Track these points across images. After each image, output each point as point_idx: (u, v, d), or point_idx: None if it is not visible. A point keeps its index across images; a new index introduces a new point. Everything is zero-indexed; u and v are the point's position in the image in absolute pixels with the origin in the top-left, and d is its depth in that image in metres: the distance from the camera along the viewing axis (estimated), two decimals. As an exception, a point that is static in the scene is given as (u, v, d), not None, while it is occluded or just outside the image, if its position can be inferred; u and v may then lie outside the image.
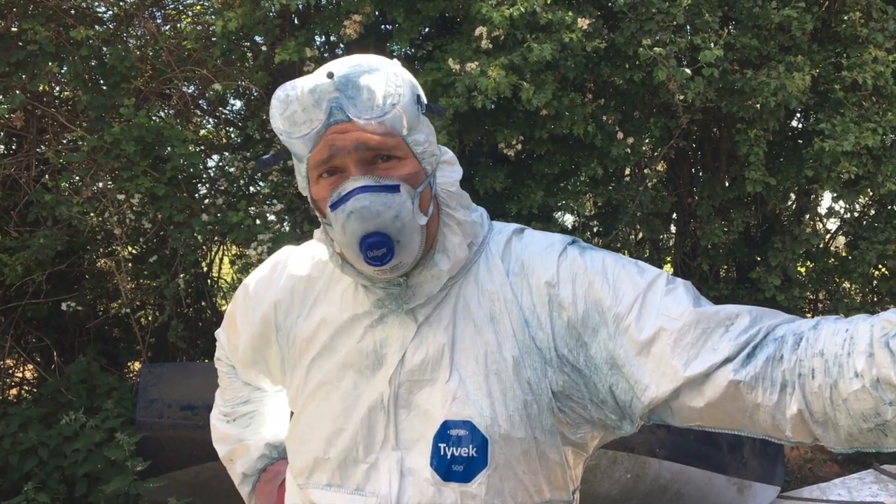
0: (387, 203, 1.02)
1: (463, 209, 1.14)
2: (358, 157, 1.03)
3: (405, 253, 1.05)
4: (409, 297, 1.12)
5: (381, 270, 1.06)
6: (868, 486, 3.98)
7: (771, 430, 1.00)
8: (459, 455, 1.07)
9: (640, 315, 1.05)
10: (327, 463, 1.15)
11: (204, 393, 3.51)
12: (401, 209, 1.03)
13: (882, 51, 4.02)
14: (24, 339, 4.73)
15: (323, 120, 1.03)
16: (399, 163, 1.06)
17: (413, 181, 1.06)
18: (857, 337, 0.93)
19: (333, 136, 1.03)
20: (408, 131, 1.06)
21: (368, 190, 1.02)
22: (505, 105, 3.91)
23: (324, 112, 1.03)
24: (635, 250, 5.20)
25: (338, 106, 1.02)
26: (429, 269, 1.11)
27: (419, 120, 1.08)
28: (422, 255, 1.10)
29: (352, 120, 1.02)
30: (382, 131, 1.03)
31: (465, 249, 1.13)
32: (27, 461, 3.59)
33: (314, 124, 1.03)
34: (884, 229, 4.61)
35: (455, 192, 1.13)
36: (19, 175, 4.15)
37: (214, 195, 4.36)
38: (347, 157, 1.03)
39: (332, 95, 1.02)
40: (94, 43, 4.10)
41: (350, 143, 1.03)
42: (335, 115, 1.03)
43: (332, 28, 3.97)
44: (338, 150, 1.03)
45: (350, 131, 1.03)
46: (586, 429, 1.13)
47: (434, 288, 1.12)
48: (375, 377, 1.14)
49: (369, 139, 1.03)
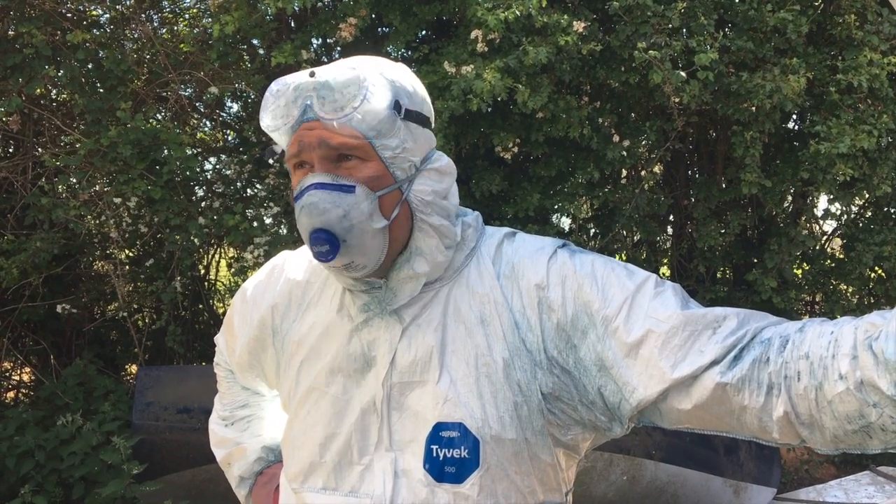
0: (335, 202, 1.05)
1: (439, 216, 1.13)
2: (321, 154, 1.07)
3: (356, 253, 1.07)
4: (391, 298, 1.13)
5: (335, 268, 1.09)
6: (864, 488, 3.98)
7: (758, 432, 1.00)
8: (451, 456, 1.08)
9: (629, 317, 1.06)
10: (322, 467, 1.16)
11: (200, 396, 3.53)
12: (350, 209, 1.05)
13: (877, 53, 4.03)
14: (21, 342, 4.73)
15: (296, 116, 1.08)
16: (362, 164, 1.08)
17: (374, 184, 1.08)
18: (841, 339, 0.93)
19: (303, 132, 1.08)
20: (376, 135, 1.07)
21: (322, 187, 1.06)
22: (501, 108, 3.92)
23: (298, 109, 1.08)
24: (632, 252, 5.21)
25: (310, 104, 1.07)
26: (405, 272, 1.12)
27: (394, 125, 1.09)
28: (391, 256, 1.11)
29: (319, 119, 1.07)
30: (347, 132, 1.06)
31: (444, 252, 1.14)
32: (24, 464, 3.59)
33: (289, 119, 1.09)
34: (880, 231, 4.62)
35: (430, 201, 1.12)
36: (16, 178, 4.16)
37: (211, 198, 4.36)
38: (312, 153, 1.08)
39: (308, 94, 1.07)
40: (90, 46, 4.10)
41: (314, 139, 1.07)
42: (307, 113, 1.08)
43: (328, 31, 3.97)
44: (305, 145, 1.08)
45: (316, 129, 1.07)
46: (577, 430, 1.14)
47: (414, 289, 1.13)
48: (365, 379, 1.15)
49: (331, 138, 1.06)
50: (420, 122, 1.13)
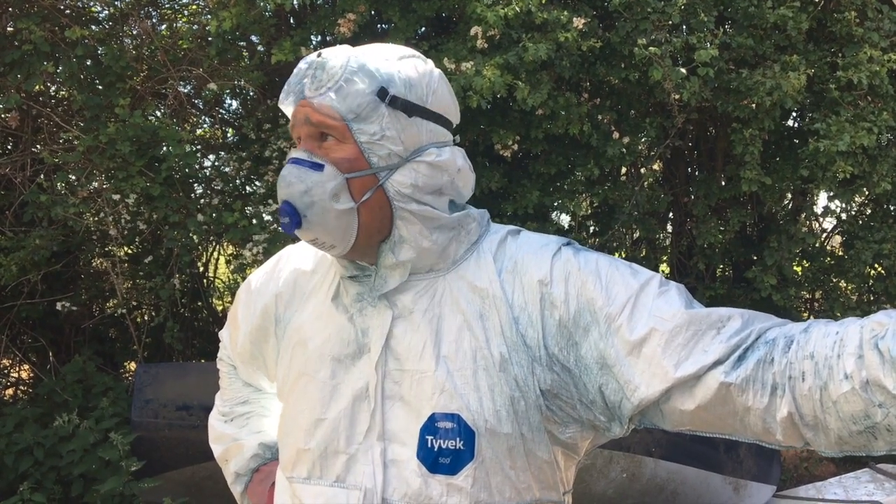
0: (300, 177, 1.09)
1: (418, 203, 1.12)
2: (306, 132, 1.12)
3: (319, 230, 1.10)
4: (380, 284, 1.14)
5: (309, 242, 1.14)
6: (864, 486, 3.99)
7: (761, 434, 1.00)
8: (446, 447, 1.08)
9: (632, 316, 1.05)
10: (307, 454, 1.15)
11: (199, 393, 3.53)
12: (313, 186, 1.08)
13: (877, 50, 4.02)
14: (20, 339, 4.72)
15: (297, 93, 1.14)
16: (338, 145, 1.11)
17: (344, 166, 1.10)
18: (846, 339, 0.93)
19: (297, 108, 1.14)
20: (355, 118, 1.09)
21: (296, 163, 1.11)
22: (501, 105, 3.91)
23: (300, 86, 1.14)
24: (631, 250, 5.20)
25: (307, 82, 1.13)
26: (388, 259, 1.14)
27: (375, 112, 1.09)
28: (370, 241, 1.13)
29: (306, 97, 1.12)
30: (324, 112, 1.10)
31: (430, 237, 1.13)
32: (23, 461, 3.59)
33: (293, 95, 1.15)
34: (879, 228, 4.61)
35: (409, 194, 1.11)
36: (14, 175, 4.14)
37: (210, 195, 4.35)
38: (300, 129, 1.13)
39: (308, 73, 1.13)
40: (89, 43, 4.09)
41: (302, 116, 1.12)
42: (304, 91, 1.13)
43: (327, 27, 3.96)
44: (296, 121, 1.14)
45: (305, 107, 1.12)
46: (575, 428, 1.13)
47: (402, 275, 1.14)
48: (356, 366, 1.15)
49: (311, 115, 1.10)
50: (418, 113, 1.12)
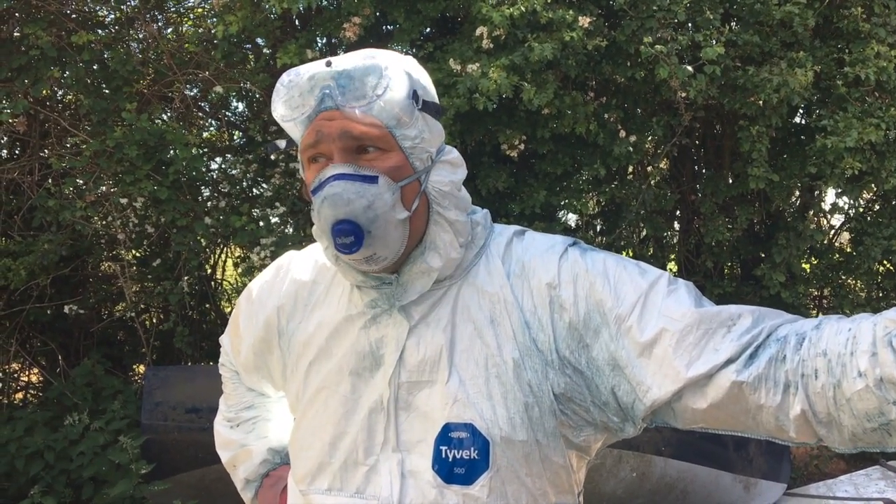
0: (359, 192, 1.03)
1: (456, 209, 1.12)
2: (342, 146, 1.05)
3: (379, 245, 1.05)
4: (401, 294, 1.12)
5: (356, 260, 1.07)
6: (875, 483, 3.97)
7: (774, 432, 0.99)
8: (461, 458, 1.07)
9: (642, 316, 1.04)
10: (329, 467, 1.15)
11: (209, 395, 3.53)
12: (374, 200, 1.03)
13: (884, 46, 4.00)
14: (29, 343, 4.74)
15: (314, 105, 1.06)
16: (383, 154, 1.06)
17: (395, 174, 1.06)
18: (859, 336, 0.92)
19: (321, 122, 1.06)
20: (397, 124, 1.06)
21: (344, 178, 1.04)
22: (507, 105, 3.91)
23: (315, 98, 1.06)
24: (639, 248, 5.19)
25: (329, 93, 1.05)
26: (418, 266, 1.11)
27: (413, 115, 1.08)
28: (408, 250, 1.10)
29: (339, 108, 1.05)
30: (368, 122, 1.05)
31: (458, 248, 1.13)
32: (33, 465, 3.60)
33: (305, 109, 1.07)
34: (888, 225, 4.59)
35: (448, 191, 1.12)
36: (23, 179, 4.16)
37: (217, 198, 4.36)
38: (332, 144, 1.06)
39: (326, 83, 1.05)
40: (95, 47, 4.10)
41: (335, 130, 1.05)
42: (325, 102, 1.06)
43: (332, 30, 3.97)
44: (324, 136, 1.06)
45: (336, 119, 1.05)
46: (589, 431, 1.12)
47: (425, 285, 1.11)
48: (374, 378, 1.14)
49: (353, 128, 1.04)
50: (434, 113, 1.12)
